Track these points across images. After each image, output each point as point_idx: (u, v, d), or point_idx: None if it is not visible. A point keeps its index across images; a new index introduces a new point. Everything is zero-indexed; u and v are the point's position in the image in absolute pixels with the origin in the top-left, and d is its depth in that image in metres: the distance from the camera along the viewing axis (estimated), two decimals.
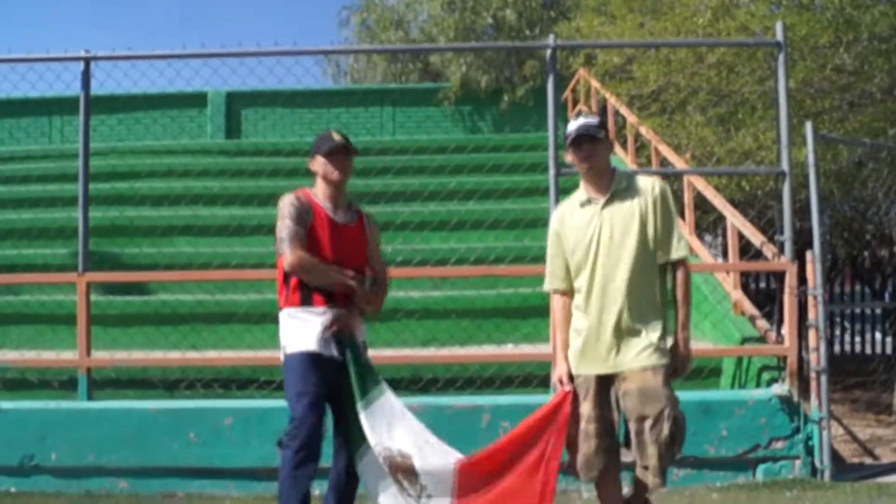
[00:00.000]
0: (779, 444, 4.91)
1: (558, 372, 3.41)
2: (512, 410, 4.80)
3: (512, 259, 7.18)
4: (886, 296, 13.99)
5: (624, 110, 9.06)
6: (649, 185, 3.38)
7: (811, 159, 5.08)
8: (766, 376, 5.35)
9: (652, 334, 3.29)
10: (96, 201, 9.61)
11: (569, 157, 3.41)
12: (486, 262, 7.14)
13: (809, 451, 4.94)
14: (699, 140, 7.59)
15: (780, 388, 5.01)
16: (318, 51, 5.95)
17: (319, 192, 3.70)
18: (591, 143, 3.30)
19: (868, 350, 13.62)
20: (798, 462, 4.91)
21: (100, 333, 6.41)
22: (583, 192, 3.40)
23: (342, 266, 3.60)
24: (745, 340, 5.67)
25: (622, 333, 3.29)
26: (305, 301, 3.58)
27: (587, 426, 3.32)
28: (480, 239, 8.31)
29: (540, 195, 8.89)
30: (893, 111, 7.22)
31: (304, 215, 3.59)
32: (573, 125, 3.34)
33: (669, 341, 3.35)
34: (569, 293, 3.44)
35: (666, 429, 3.20)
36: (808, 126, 5.14)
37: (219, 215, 9.39)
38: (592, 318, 3.32)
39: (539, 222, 8.08)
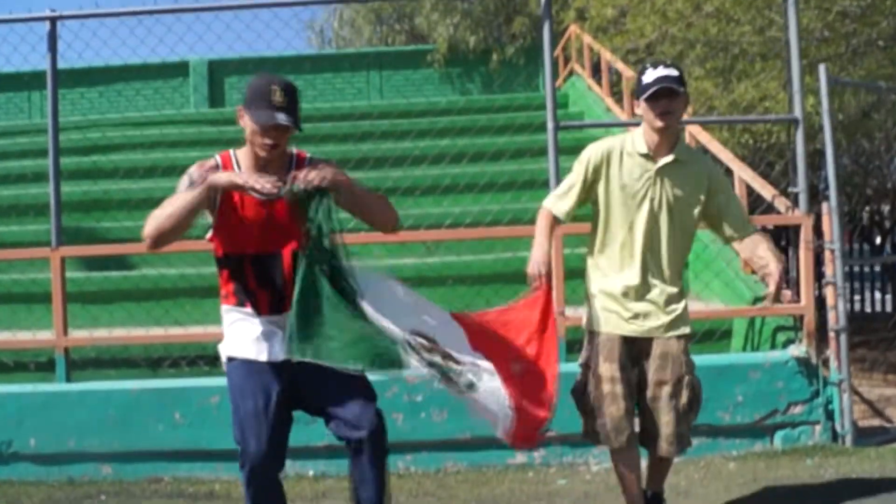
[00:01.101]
0: (797, 409, 4.67)
1: (538, 257, 3.16)
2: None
3: (509, 221, 6.85)
4: (886, 252, 13.80)
5: (619, 66, 8.74)
6: (709, 161, 3.34)
7: (825, 105, 4.78)
8: (781, 337, 5.09)
9: (681, 302, 3.21)
10: (76, 176, 9.35)
11: (639, 110, 3.10)
12: (482, 224, 6.83)
13: (829, 415, 4.70)
14: (699, 93, 7.29)
15: (797, 350, 4.75)
16: (294, 2, 5.56)
17: (245, 152, 2.84)
18: (671, 97, 3.01)
19: (868, 308, 13.47)
20: (818, 427, 4.67)
21: (78, 311, 6.16)
22: (641, 142, 3.13)
23: (274, 266, 2.81)
24: (757, 300, 5.41)
25: (657, 299, 3.15)
26: (237, 299, 2.86)
27: (613, 387, 3.14)
28: (475, 202, 7.99)
29: (534, 155, 8.61)
30: None
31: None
32: (651, 75, 3.02)
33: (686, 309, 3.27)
34: (557, 220, 3.28)
35: (684, 396, 3.13)
36: (822, 69, 4.84)
37: None
38: (631, 278, 3.14)
39: (536, 183, 7.79)
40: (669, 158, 3.09)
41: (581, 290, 3.43)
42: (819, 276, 6.88)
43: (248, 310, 2.83)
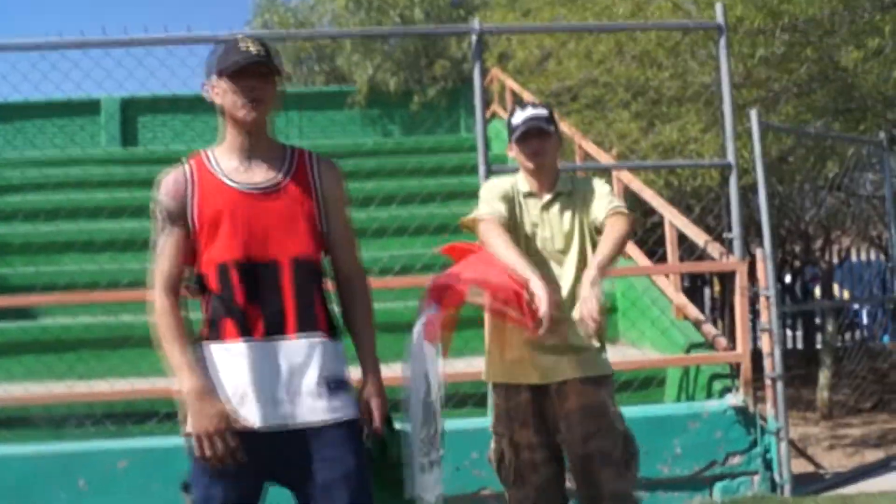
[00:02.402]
0: (736, 460, 4.58)
1: (545, 293, 2.57)
2: (451, 438, 4.28)
3: (443, 265, 6.67)
4: (797, 291, 14.19)
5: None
6: (591, 183, 3.02)
7: (758, 150, 4.79)
8: (717, 385, 5.03)
9: (591, 342, 2.83)
10: None
11: (512, 153, 2.99)
12: (413, 270, 6.61)
13: (768, 464, 4.62)
14: (622, 136, 7.32)
15: (735, 398, 4.69)
16: (209, 38, 5.32)
17: (224, 144, 2.31)
18: (541, 137, 2.89)
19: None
20: (757, 478, 4.59)
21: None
22: (524, 182, 2.99)
23: (261, 269, 2.24)
24: (691, 347, 5.35)
25: (560, 339, 2.76)
26: (214, 330, 2.24)
27: (531, 455, 2.82)
28: (404, 246, 7.80)
29: (464, 198, 8.50)
30: (817, 103, 7.10)
31: (176, 200, 2.25)
32: (520, 116, 2.92)
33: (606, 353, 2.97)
34: (505, 224, 2.87)
35: (619, 448, 2.76)
36: (753, 114, 4.86)
37: (107, 229, 8.49)
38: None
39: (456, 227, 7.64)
40: (550, 196, 2.95)
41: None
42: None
43: (231, 343, 2.21)
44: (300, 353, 2.22)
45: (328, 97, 13.64)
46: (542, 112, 2.93)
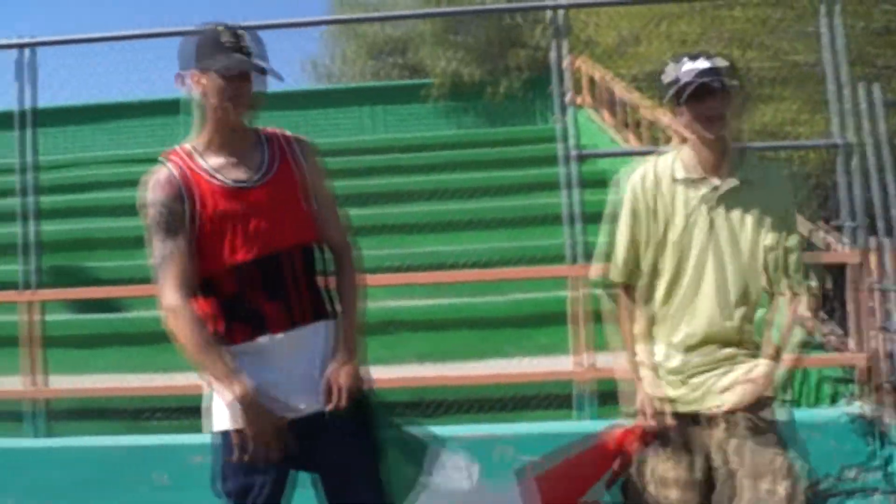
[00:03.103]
0: (852, 474, 4.17)
1: (641, 396, 2.41)
2: (533, 441, 4.06)
3: (520, 260, 6.43)
4: None
5: (626, 93, 8.40)
6: (785, 177, 2.49)
7: (883, 128, 4.34)
8: (826, 390, 4.62)
9: (756, 360, 2.39)
10: (63, 214, 8.95)
11: (680, 121, 2.34)
12: (492, 264, 6.38)
13: (889, 478, 4.21)
14: None
15: (852, 405, 4.28)
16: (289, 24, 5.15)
17: (202, 138, 2.22)
18: (722, 96, 2.27)
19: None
20: (877, 497, 4.17)
21: (61, 356, 5.74)
22: (683, 164, 2.40)
23: (267, 264, 2.20)
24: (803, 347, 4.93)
25: (721, 359, 2.40)
26: (221, 336, 2.18)
27: (666, 491, 2.39)
28: (482, 240, 7.57)
29: (543, 190, 8.23)
30: None
31: (176, 207, 2.15)
32: (689, 69, 2.28)
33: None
34: (632, 288, 2.52)
35: (783, 488, 2.29)
36: (876, 88, 4.42)
37: None
38: (682, 338, 2.42)
39: (546, 219, 7.38)
40: (732, 181, 2.36)
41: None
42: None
43: (251, 342, 2.19)
44: (317, 340, 2.24)
45: (406, 90, 13.57)
46: (723, 63, 2.31)
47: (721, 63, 2.31)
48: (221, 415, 2.20)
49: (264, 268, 2.20)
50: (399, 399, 4.93)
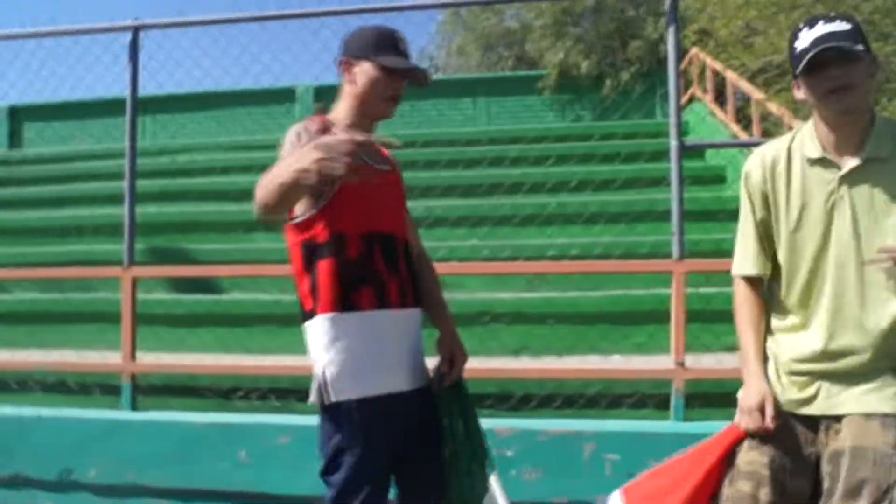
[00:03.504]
0: None
1: (754, 393, 2.16)
2: (620, 439, 3.87)
3: (620, 255, 6.16)
4: None
5: (746, 87, 7.95)
6: None
7: None
8: None
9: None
10: (176, 197, 9.30)
11: (800, 93, 2.13)
12: (590, 257, 6.16)
13: None
14: None
15: None
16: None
17: (347, 118, 2.31)
18: (846, 64, 2.01)
19: None
20: None
21: (165, 333, 5.90)
22: (811, 143, 2.16)
23: (389, 241, 2.29)
24: None
25: (855, 364, 2.11)
26: (346, 300, 2.20)
27: (756, 490, 2.13)
28: (583, 233, 7.35)
29: (647, 185, 7.94)
30: None
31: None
32: (808, 37, 2.05)
33: None
34: (760, 280, 2.30)
35: None
36: None
37: None
38: (814, 336, 2.16)
39: (649, 215, 7.10)
40: (855, 162, 2.09)
41: (703, 336, 2.69)
42: None
43: (382, 313, 2.23)
44: (416, 324, 2.37)
45: (517, 82, 13.41)
46: (843, 26, 2.03)
47: (842, 26, 2.04)
48: (349, 382, 2.21)
49: (386, 244, 2.29)
50: (488, 390, 4.83)
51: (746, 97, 8.31)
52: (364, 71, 2.27)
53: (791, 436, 2.15)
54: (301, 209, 2.22)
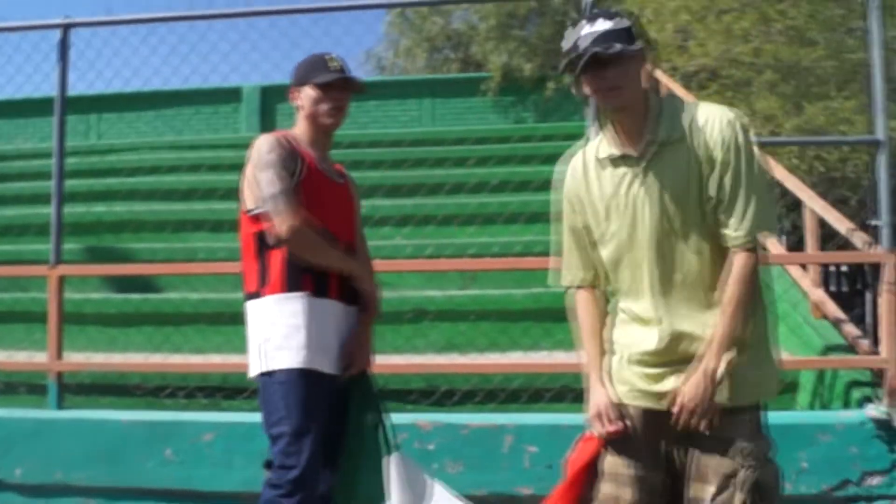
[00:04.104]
0: (874, 481, 3.94)
1: (596, 400, 2.20)
2: (539, 431, 3.97)
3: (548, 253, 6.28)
4: None
5: (679, 89, 8.13)
6: (713, 117, 2.06)
7: None
8: (856, 394, 4.39)
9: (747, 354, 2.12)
10: (111, 196, 9.21)
11: (580, 90, 2.13)
12: (531, 255, 6.25)
13: None
14: (764, 117, 6.65)
15: (875, 410, 4.04)
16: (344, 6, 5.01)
17: (302, 137, 2.71)
18: (616, 65, 2.02)
19: None
20: None
21: (96, 333, 5.88)
22: (606, 142, 2.19)
23: (338, 245, 2.70)
24: (828, 350, 4.71)
25: (686, 353, 2.12)
26: (293, 285, 2.57)
27: (619, 490, 2.17)
28: (523, 231, 7.47)
29: None
30: None
31: (291, 165, 2.58)
32: (576, 34, 2.05)
33: (758, 368, 2.17)
34: (594, 285, 2.32)
35: (738, 501, 2.06)
36: None
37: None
38: (651, 329, 2.17)
39: None
40: (651, 147, 2.11)
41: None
42: None
43: (332, 301, 2.64)
44: (350, 319, 2.72)
45: (461, 84, 13.49)
46: (612, 25, 2.02)
47: (603, 26, 2.03)
48: (286, 353, 2.54)
49: (332, 244, 2.65)
50: (412, 386, 4.90)
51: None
52: (306, 94, 2.68)
53: (645, 431, 2.17)
54: (256, 202, 2.60)
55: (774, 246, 5.70)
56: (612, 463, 2.19)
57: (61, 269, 4.82)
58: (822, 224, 4.99)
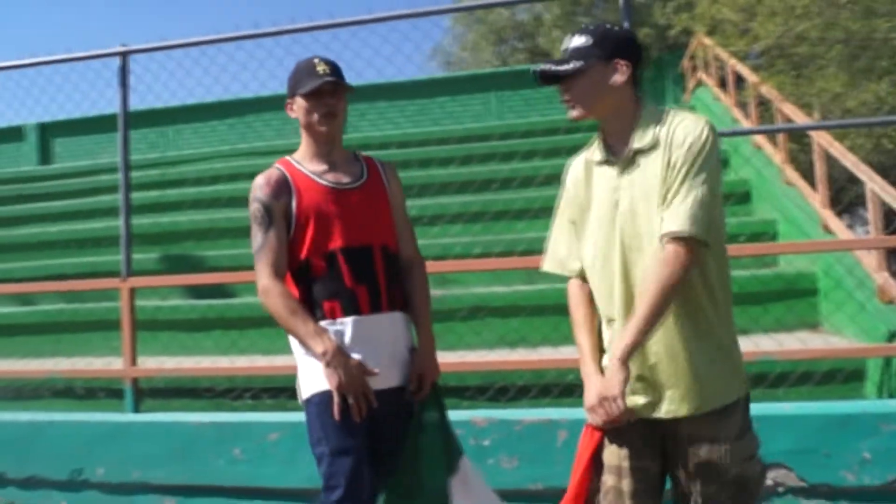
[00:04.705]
0: None
1: (592, 392, 2.15)
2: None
3: None
4: None
5: (743, 69, 7.91)
6: (683, 122, 2.11)
7: None
8: None
9: (702, 357, 2.13)
10: (195, 206, 9.56)
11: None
12: None
13: None
14: (828, 94, 6.41)
15: None
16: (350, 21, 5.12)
17: (304, 152, 2.67)
18: (568, 81, 2.15)
19: None
20: None
21: (169, 340, 6.12)
22: (599, 146, 2.25)
23: (359, 254, 2.57)
24: (894, 336, 4.54)
25: (660, 360, 2.14)
26: (315, 314, 2.55)
27: (620, 481, 2.20)
28: None
29: None
30: None
31: (277, 199, 2.55)
32: (563, 46, 2.22)
33: (735, 366, 2.19)
34: (583, 277, 2.33)
35: (725, 496, 2.11)
36: None
37: None
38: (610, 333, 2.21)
39: None
40: (627, 153, 2.16)
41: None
42: None
43: (349, 320, 2.55)
44: (397, 327, 2.61)
45: (527, 75, 13.36)
46: (579, 41, 2.15)
47: (587, 41, 2.15)
48: (316, 378, 2.52)
49: (353, 256, 2.56)
50: (468, 383, 4.96)
51: (744, 80, 8.27)
52: (298, 105, 2.63)
53: (640, 423, 2.18)
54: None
55: (842, 230, 5.53)
56: (611, 455, 2.22)
57: (132, 282, 5.06)
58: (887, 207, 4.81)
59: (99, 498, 4.76)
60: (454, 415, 4.34)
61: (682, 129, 2.10)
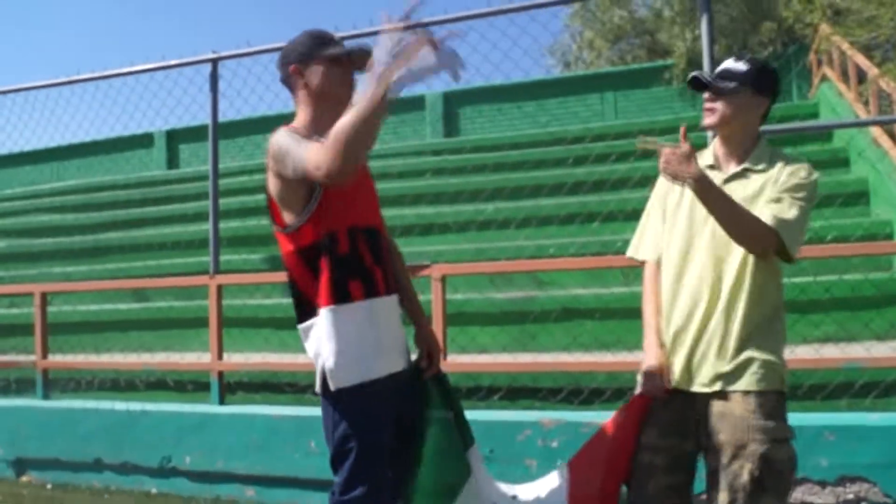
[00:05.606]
0: None
1: (650, 360, 2.46)
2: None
3: None
4: None
5: (863, 61, 7.39)
6: (792, 164, 2.39)
7: None
8: None
9: (751, 351, 2.35)
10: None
11: None
12: None
13: None
14: None
15: None
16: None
17: (306, 123, 2.39)
18: (716, 94, 2.44)
19: None
20: None
21: (252, 336, 6.37)
22: (710, 151, 2.54)
23: (372, 233, 2.42)
24: None
25: (713, 343, 2.39)
26: (341, 294, 2.31)
27: (654, 458, 2.43)
28: None
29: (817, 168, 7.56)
30: None
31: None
32: (724, 63, 2.52)
33: (777, 358, 2.37)
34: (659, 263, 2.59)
35: (747, 470, 2.26)
36: None
37: (445, 213, 9.27)
38: (678, 317, 2.46)
39: None
40: (736, 170, 2.45)
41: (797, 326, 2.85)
42: None
43: (372, 301, 2.35)
44: (397, 308, 2.48)
45: (643, 74, 13.04)
46: (729, 66, 2.45)
47: (745, 67, 2.43)
48: (350, 368, 2.29)
49: (370, 236, 2.41)
50: (542, 384, 4.84)
51: (864, 72, 7.73)
52: (315, 70, 2.37)
53: (678, 404, 2.41)
54: (291, 219, 2.33)
55: None
56: (647, 433, 2.45)
57: (219, 279, 5.25)
58: None
59: (186, 486, 4.99)
60: (525, 415, 4.28)
61: (791, 164, 2.39)
